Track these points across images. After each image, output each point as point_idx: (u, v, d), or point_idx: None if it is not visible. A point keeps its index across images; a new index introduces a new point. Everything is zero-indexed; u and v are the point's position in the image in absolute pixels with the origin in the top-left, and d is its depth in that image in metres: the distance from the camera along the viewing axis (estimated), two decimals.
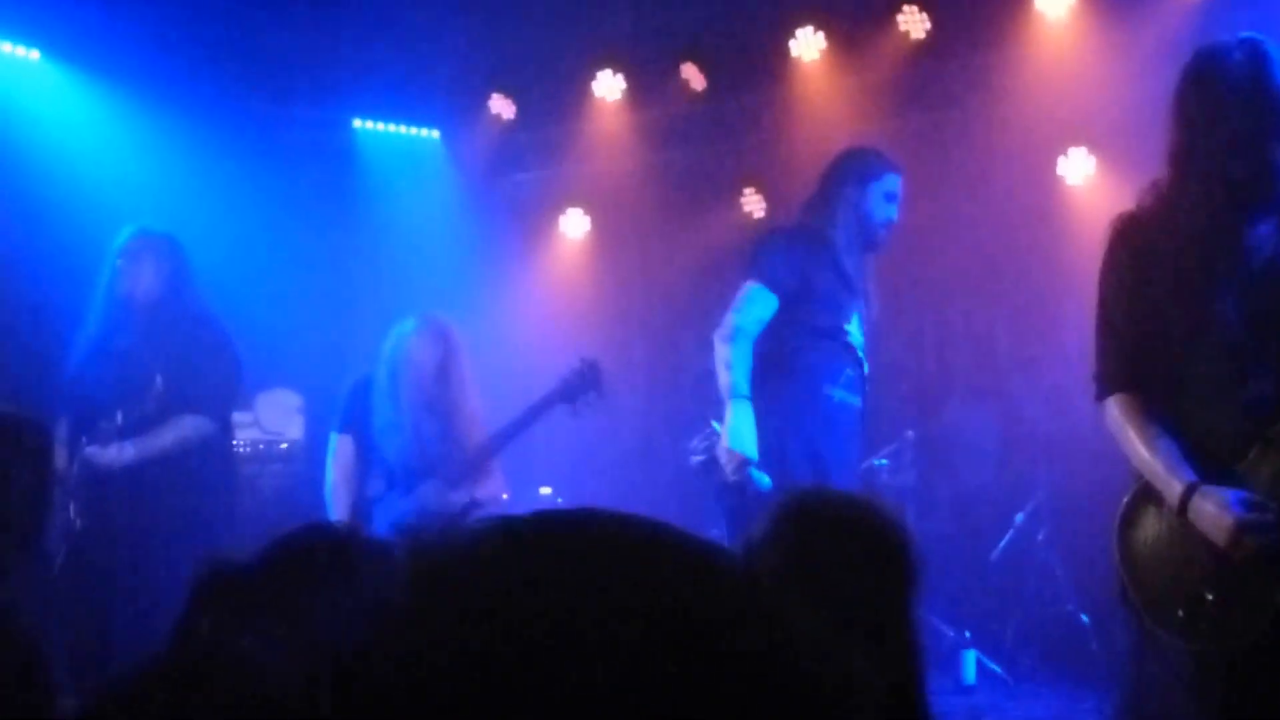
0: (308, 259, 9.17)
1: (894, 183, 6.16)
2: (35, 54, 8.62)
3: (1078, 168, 8.83)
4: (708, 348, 6.03)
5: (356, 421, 6.60)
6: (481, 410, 6.68)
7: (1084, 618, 7.90)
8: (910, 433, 8.47)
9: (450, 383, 6.57)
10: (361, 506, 6.58)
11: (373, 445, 6.58)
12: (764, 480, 5.72)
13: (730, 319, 5.96)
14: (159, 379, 6.43)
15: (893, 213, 6.15)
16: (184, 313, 6.61)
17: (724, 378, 5.90)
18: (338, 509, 6.56)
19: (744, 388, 5.82)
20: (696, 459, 6.04)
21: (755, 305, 5.94)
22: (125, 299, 6.57)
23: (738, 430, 5.77)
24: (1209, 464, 3.72)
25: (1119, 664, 6.04)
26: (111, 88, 8.71)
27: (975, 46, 8.90)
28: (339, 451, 6.64)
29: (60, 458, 5.93)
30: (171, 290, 6.63)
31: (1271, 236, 3.74)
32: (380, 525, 6.45)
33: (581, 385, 6.73)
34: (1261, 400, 3.70)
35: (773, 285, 5.93)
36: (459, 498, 6.52)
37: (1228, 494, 3.63)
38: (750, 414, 5.80)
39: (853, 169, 6.21)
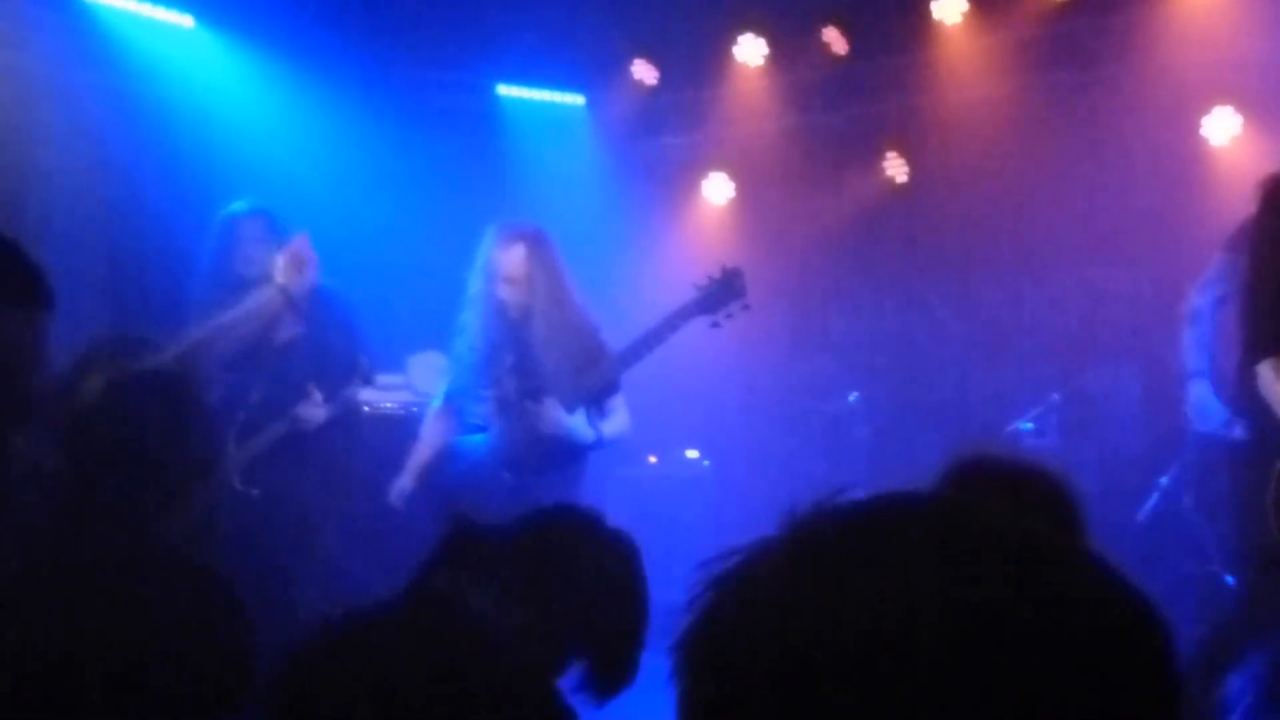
0: (452, 223, 9.27)
1: None
2: (189, 20, 8.78)
3: (1223, 127, 8.68)
4: None
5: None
6: (593, 321, 6.33)
7: (1229, 579, 7.83)
8: (1055, 395, 8.45)
9: (541, 289, 6.25)
10: (463, 430, 6.40)
11: (472, 369, 6.38)
12: None
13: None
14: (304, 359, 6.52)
15: None
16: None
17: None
18: (430, 435, 6.50)
19: None
20: None
21: None
22: (240, 279, 6.58)
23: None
24: None
25: (1268, 625, 6.04)
26: (261, 54, 8.86)
27: (1118, 4, 8.80)
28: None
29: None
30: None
31: None
32: (487, 454, 6.27)
33: (723, 295, 6.34)
34: None
35: None
36: (579, 427, 6.18)
37: None
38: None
39: None
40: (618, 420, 6.34)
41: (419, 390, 9.14)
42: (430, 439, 6.54)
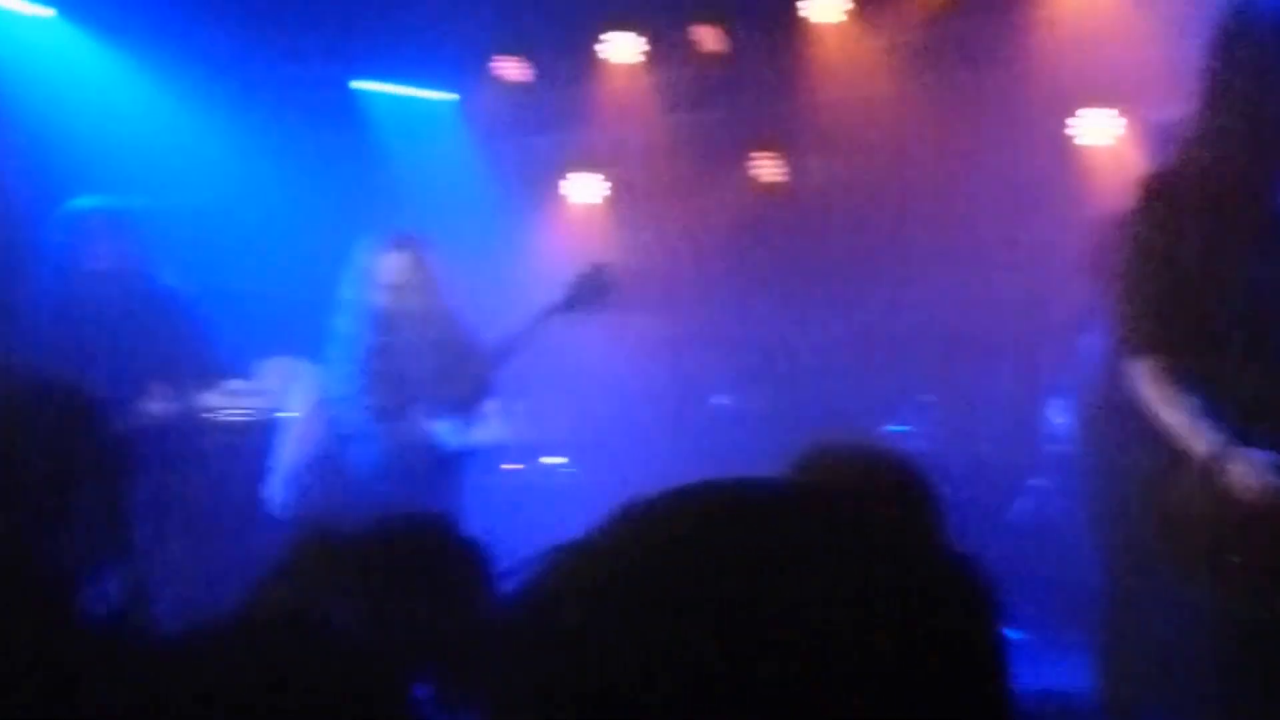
0: (315, 224, 9.07)
1: None
2: (50, 11, 8.55)
3: (1101, 129, 8.69)
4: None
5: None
6: (467, 329, 6.25)
7: (1106, 580, 7.80)
8: (930, 397, 8.38)
9: (418, 297, 6.17)
10: (336, 440, 6.29)
11: (347, 376, 6.29)
12: None
13: None
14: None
15: None
16: (142, 288, 6.54)
17: None
18: (302, 442, 6.37)
19: None
20: None
21: None
22: (83, 276, 6.50)
23: None
24: (1237, 424, 3.63)
25: (1141, 629, 5.99)
26: (122, 47, 8.63)
27: (996, 7, 8.79)
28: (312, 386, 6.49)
29: None
30: (132, 268, 6.59)
31: None
32: (360, 463, 6.16)
33: (591, 293, 6.29)
34: None
35: None
36: (448, 435, 6.10)
37: (1260, 456, 3.56)
38: None
39: None
40: (492, 427, 6.26)
41: (271, 397, 8.91)
42: (302, 448, 6.30)
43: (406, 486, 5.91)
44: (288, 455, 6.41)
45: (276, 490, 6.41)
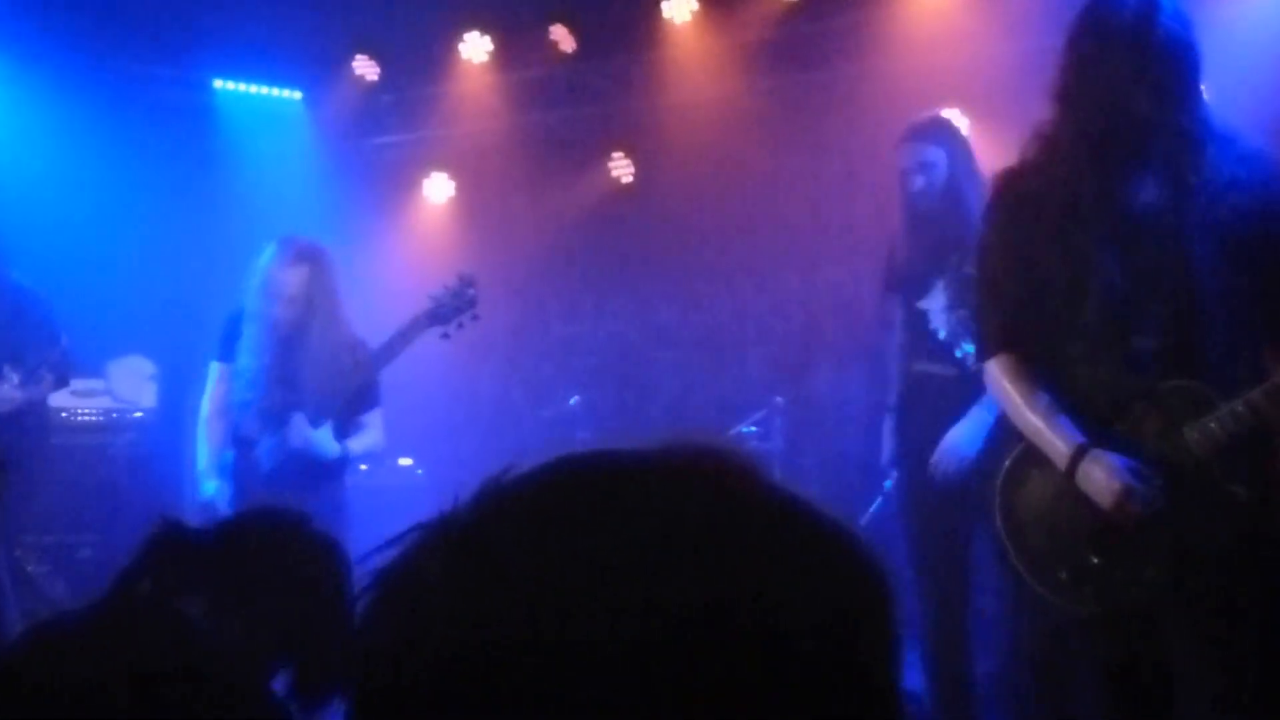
0: (164, 222, 8.91)
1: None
2: None
3: None
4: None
5: (234, 352, 6.27)
6: (358, 339, 6.25)
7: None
8: (779, 399, 8.39)
9: (318, 310, 6.15)
10: (233, 444, 6.24)
11: (246, 382, 6.24)
12: None
13: None
14: None
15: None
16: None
17: None
18: (209, 442, 6.25)
19: None
20: None
21: None
22: None
23: None
24: (1091, 422, 3.65)
25: (995, 628, 6.04)
26: None
27: (846, 7, 8.78)
28: (215, 381, 6.32)
29: None
30: None
31: (1153, 188, 3.63)
32: (245, 466, 6.16)
33: (455, 306, 6.30)
34: (1144, 356, 3.62)
35: None
36: (328, 442, 6.11)
37: (1116, 460, 3.57)
38: None
39: None
40: (369, 436, 6.32)
41: (120, 397, 8.76)
42: (208, 449, 6.30)
43: (291, 490, 5.86)
44: (200, 455, 6.33)
45: (193, 487, 6.43)
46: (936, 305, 5.69)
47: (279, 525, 2.97)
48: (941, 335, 5.65)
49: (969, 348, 5.33)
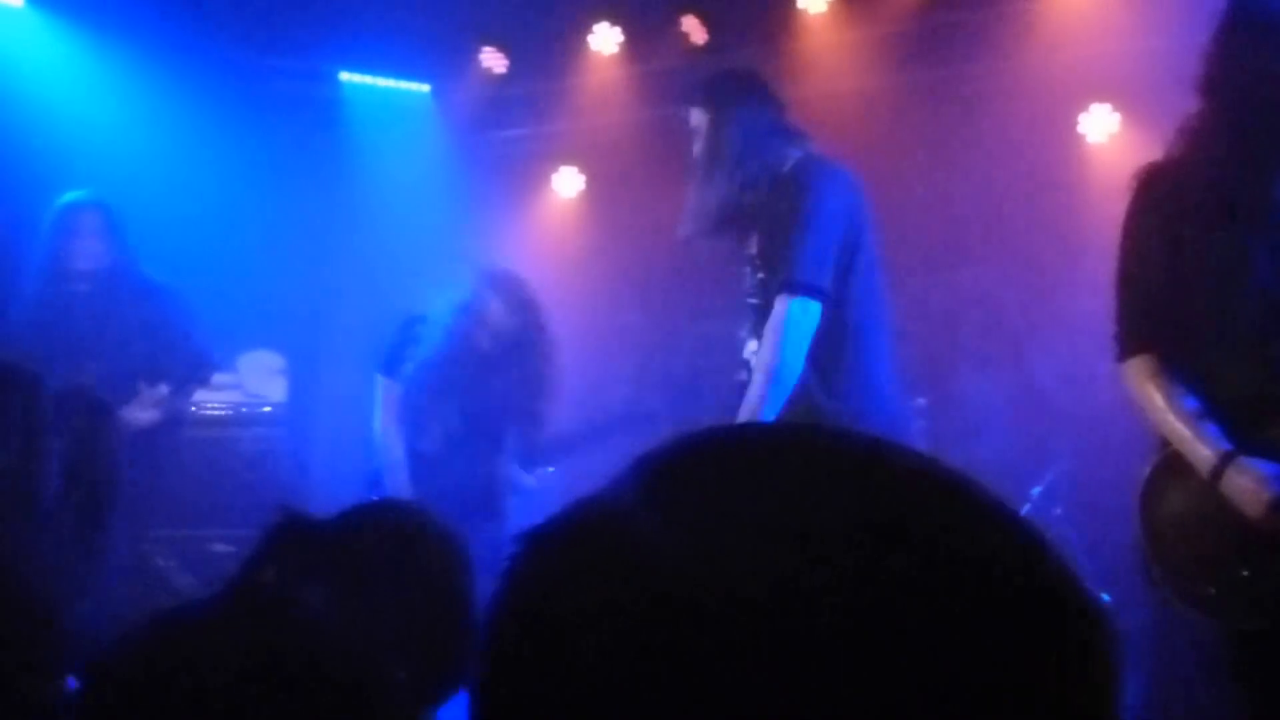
0: (291, 216, 8.90)
1: None
2: (19, 2, 8.38)
3: (1099, 124, 8.47)
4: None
5: (401, 367, 6.32)
6: (565, 391, 6.50)
7: (1105, 596, 7.63)
8: (920, 400, 8.14)
9: (529, 353, 6.30)
10: (412, 461, 6.27)
11: (429, 395, 6.29)
12: None
13: None
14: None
15: None
16: (130, 286, 6.66)
17: None
18: (389, 457, 6.22)
19: None
20: None
21: None
22: (68, 273, 6.59)
23: None
24: (1238, 429, 3.51)
25: (1141, 644, 5.80)
26: (95, 37, 8.45)
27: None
28: (387, 397, 6.31)
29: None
30: (117, 263, 6.67)
31: None
32: (429, 486, 6.13)
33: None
34: None
35: None
36: (521, 477, 6.27)
37: (1265, 467, 3.44)
38: None
39: None
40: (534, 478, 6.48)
41: (250, 391, 8.77)
42: (384, 457, 6.31)
43: (468, 513, 5.88)
44: (383, 465, 6.35)
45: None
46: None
47: (401, 517, 2.99)
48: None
49: None
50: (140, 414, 6.43)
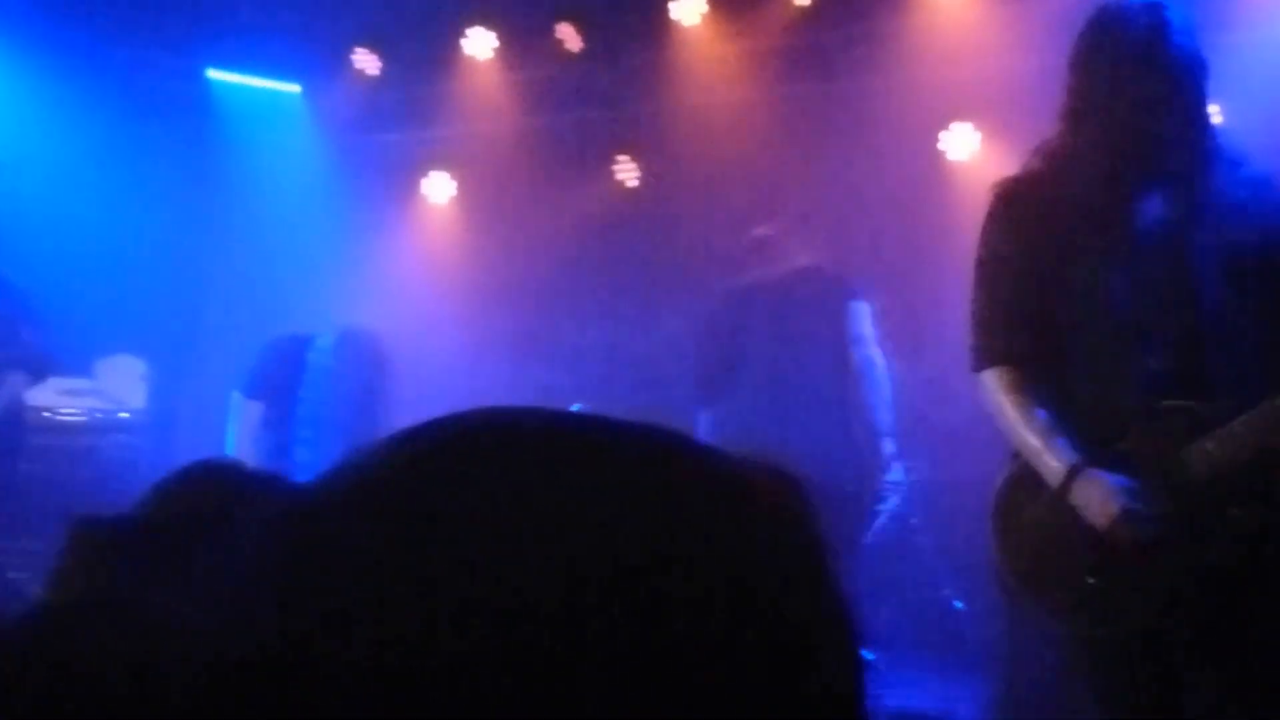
0: (159, 217, 8.75)
1: None
2: None
3: (961, 143, 8.60)
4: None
5: (275, 390, 6.28)
6: (437, 402, 6.40)
7: (958, 604, 7.72)
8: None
9: (376, 405, 6.30)
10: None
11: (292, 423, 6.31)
12: None
13: None
14: None
15: None
16: None
17: None
18: None
19: None
20: None
21: None
22: None
23: None
24: (1089, 442, 3.52)
25: (995, 651, 5.89)
26: None
27: (859, 15, 8.67)
28: (246, 418, 6.30)
29: None
30: None
31: (1162, 206, 3.54)
32: None
33: None
34: (1152, 376, 3.49)
35: None
36: None
37: (1111, 480, 3.44)
38: None
39: None
40: None
41: (108, 397, 8.59)
42: None
43: None
44: None
45: None
46: None
47: (207, 484, 2.82)
48: None
49: None
50: None
